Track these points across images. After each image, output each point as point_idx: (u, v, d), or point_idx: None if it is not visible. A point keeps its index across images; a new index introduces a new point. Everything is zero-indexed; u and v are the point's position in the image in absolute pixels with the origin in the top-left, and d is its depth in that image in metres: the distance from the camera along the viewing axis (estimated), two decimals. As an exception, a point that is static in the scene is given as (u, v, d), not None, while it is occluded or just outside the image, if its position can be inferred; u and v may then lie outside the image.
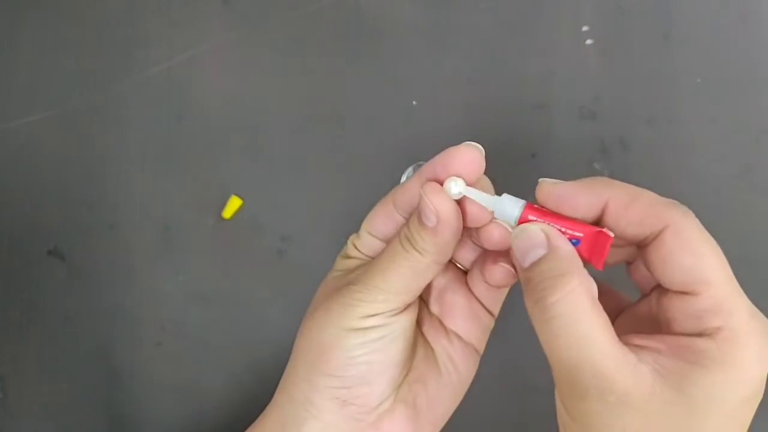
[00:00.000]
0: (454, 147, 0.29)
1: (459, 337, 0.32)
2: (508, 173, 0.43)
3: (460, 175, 0.29)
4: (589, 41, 0.42)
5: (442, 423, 0.33)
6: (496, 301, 0.33)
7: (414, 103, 0.44)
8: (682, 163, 0.42)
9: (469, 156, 0.29)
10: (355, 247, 0.33)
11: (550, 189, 0.29)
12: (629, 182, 0.41)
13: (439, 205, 0.28)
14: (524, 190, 0.42)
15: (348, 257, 0.33)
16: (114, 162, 0.46)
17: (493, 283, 0.31)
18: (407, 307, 0.30)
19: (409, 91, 0.44)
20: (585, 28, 0.42)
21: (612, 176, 0.42)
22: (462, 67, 0.43)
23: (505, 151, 0.43)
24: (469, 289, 0.33)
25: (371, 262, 0.31)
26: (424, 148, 0.43)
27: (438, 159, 0.29)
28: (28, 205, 0.47)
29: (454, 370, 0.32)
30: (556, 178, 0.28)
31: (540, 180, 0.29)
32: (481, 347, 0.33)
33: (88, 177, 0.46)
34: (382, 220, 0.32)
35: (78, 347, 0.46)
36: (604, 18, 0.42)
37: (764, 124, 0.41)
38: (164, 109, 0.46)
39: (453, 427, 0.43)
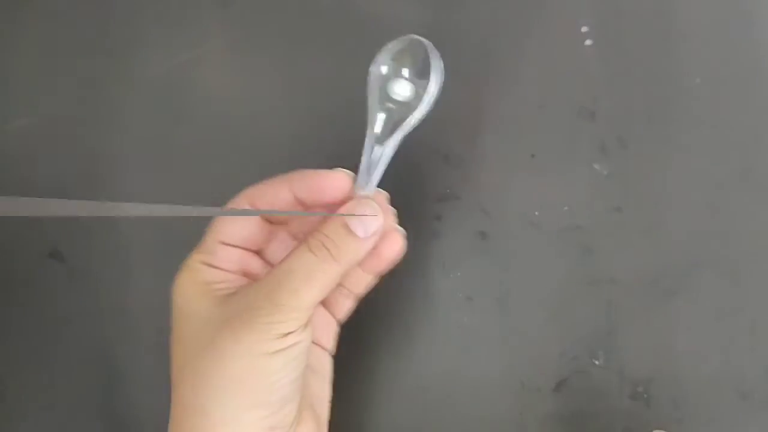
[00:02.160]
0: (326, 172, 0.32)
1: (320, 347, 0.35)
2: (507, 173, 0.43)
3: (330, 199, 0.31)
4: (588, 41, 0.42)
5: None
6: (343, 308, 0.35)
7: (414, 103, 0.43)
8: (681, 163, 0.42)
9: (340, 183, 0.32)
10: (209, 265, 0.32)
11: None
12: (628, 182, 0.42)
13: (377, 221, 0.30)
14: (524, 190, 0.43)
15: (203, 283, 0.32)
16: (113, 164, 0.46)
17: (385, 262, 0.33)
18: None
19: (409, 92, 0.44)
20: (584, 29, 0.42)
21: (611, 176, 0.42)
22: (462, 67, 0.43)
23: (504, 151, 0.43)
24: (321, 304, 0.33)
25: (270, 276, 0.30)
26: (424, 148, 0.43)
27: (311, 181, 0.31)
28: (29, 206, 0.47)
29: (325, 375, 0.35)
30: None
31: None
32: (333, 350, 0.36)
33: (87, 179, 0.46)
34: (241, 224, 0.32)
35: (78, 348, 0.46)
36: (603, 18, 0.42)
37: (764, 124, 0.41)
38: (163, 111, 0.46)
39: (453, 427, 0.43)
